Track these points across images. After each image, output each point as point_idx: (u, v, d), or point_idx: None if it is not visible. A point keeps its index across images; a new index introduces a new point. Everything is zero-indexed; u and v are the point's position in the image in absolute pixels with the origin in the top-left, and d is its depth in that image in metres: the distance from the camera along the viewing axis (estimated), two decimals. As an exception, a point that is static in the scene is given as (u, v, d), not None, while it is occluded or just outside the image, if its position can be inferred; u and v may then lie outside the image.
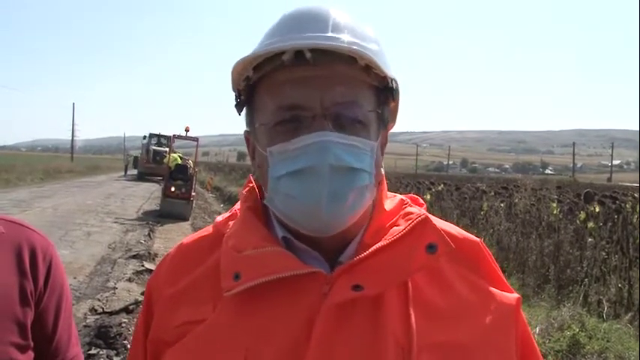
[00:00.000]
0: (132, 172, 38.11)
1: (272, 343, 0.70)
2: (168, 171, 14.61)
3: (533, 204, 10.23)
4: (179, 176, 14.42)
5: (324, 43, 0.70)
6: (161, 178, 22.06)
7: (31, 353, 1.02)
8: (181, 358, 0.75)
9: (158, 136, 33.03)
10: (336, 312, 0.70)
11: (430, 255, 0.72)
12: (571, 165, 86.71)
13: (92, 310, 5.63)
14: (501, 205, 10.72)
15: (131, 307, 5.59)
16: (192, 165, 15.32)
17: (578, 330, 4.52)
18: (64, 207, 14.86)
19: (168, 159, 15.44)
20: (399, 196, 0.85)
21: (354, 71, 0.72)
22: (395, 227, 0.76)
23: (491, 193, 13.18)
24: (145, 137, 33.35)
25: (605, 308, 5.67)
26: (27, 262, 1.03)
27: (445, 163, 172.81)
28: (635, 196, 12.97)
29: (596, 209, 8.73)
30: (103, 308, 5.67)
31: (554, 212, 8.83)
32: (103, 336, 4.74)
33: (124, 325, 5.01)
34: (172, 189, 13.82)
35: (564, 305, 5.29)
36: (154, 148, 31.60)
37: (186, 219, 13.54)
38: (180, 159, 16.05)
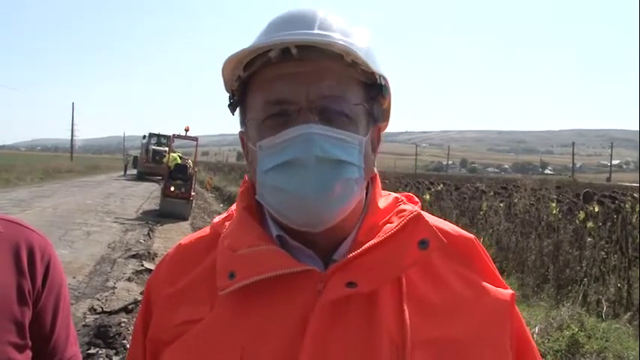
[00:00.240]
0: (131, 171, 38.09)
1: (267, 341, 0.71)
2: (167, 171, 14.60)
3: (533, 204, 10.26)
4: (179, 176, 14.43)
5: (309, 38, 0.71)
6: (161, 178, 22.04)
7: (29, 352, 1.02)
8: (179, 357, 0.76)
9: (158, 135, 33.01)
10: (330, 309, 0.71)
11: (422, 251, 0.73)
12: (570, 165, 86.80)
13: (91, 309, 5.64)
14: (501, 205, 10.75)
15: (130, 307, 5.59)
16: (192, 165, 15.32)
17: (577, 330, 4.53)
18: (63, 207, 14.85)
19: (168, 159, 15.45)
20: (394, 195, 0.86)
21: (341, 67, 0.73)
22: (388, 224, 0.77)
23: (491, 193, 13.21)
24: (145, 137, 33.32)
25: (604, 308, 5.68)
26: (25, 261, 1.03)
27: (444, 163, 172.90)
28: (635, 195, 12.99)
29: (596, 209, 8.75)
30: (102, 308, 5.67)
31: (554, 212, 8.85)
32: (102, 335, 4.75)
33: (123, 324, 5.01)
34: (172, 189, 13.82)
35: (563, 305, 5.29)
36: (153, 147, 31.58)
37: (186, 219, 13.54)
38: (179, 159, 16.06)
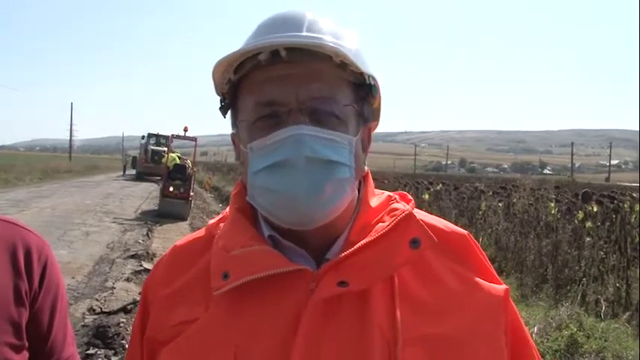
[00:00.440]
0: (130, 171, 38.07)
1: (261, 340, 0.71)
2: (166, 171, 14.59)
3: (532, 204, 10.27)
4: (177, 176, 14.43)
5: (298, 40, 0.72)
6: (159, 178, 22.01)
7: (25, 353, 1.02)
8: (175, 357, 0.76)
9: (156, 135, 32.98)
10: (322, 308, 0.71)
11: (414, 250, 0.73)
12: (569, 165, 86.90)
13: (90, 309, 5.63)
14: (500, 204, 10.76)
15: (129, 307, 5.59)
16: (191, 165, 15.32)
17: (576, 329, 4.54)
18: (62, 207, 14.84)
19: (167, 159, 15.42)
20: (387, 193, 0.86)
21: (330, 68, 0.74)
22: (380, 224, 0.77)
23: (490, 193, 13.23)
24: (144, 137, 33.26)
25: (603, 308, 5.69)
26: (22, 261, 1.02)
27: (444, 162, 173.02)
28: (634, 195, 13.01)
29: (594, 209, 8.77)
30: (101, 308, 5.66)
31: (553, 212, 8.85)
32: (101, 336, 4.75)
33: (122, 324, 5.01)
34: (171, 189, 13.81)
35: (562, 305, 5.30)
36: (152, 147, 31.54)
37: (185, 219, 13.53)
38: (178, 159, 16.03)
